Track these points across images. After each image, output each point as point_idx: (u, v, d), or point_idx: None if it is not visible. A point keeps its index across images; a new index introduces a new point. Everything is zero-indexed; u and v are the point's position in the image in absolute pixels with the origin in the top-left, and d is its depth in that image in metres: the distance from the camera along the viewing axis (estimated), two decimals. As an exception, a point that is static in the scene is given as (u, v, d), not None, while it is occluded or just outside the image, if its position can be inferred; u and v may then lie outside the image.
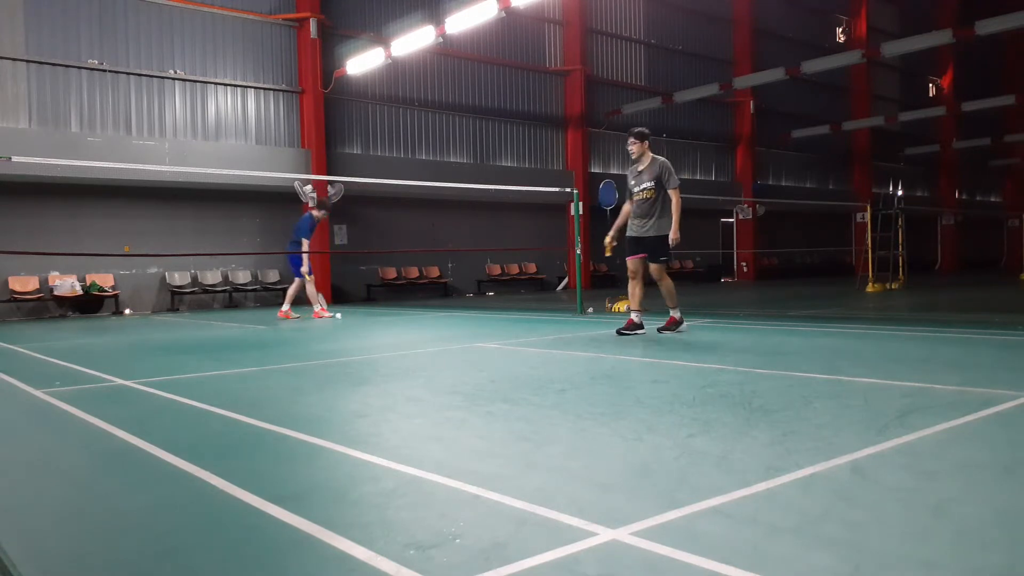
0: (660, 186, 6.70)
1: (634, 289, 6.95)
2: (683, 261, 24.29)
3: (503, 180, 18.65)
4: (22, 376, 5.31)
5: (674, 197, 6.66)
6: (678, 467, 2.47)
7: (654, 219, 6.73)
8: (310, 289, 11.06)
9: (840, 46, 28.19)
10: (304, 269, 10.84)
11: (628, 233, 6.92)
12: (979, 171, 34.56)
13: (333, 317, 11.03)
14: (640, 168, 6.80)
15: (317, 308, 11.10)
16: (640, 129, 6.87)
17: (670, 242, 6.69)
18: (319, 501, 2.25)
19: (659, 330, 6.95)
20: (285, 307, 11.21)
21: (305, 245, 10.85)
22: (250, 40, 15.79)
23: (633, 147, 6.80)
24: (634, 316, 6.88)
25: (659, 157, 6.80)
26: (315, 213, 11.15)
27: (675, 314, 6.96)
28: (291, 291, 11.16)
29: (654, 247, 6.79)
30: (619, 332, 6.88)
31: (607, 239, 7.16)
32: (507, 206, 19.38)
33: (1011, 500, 2.08)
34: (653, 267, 6.85)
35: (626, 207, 6.97)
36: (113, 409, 3.95)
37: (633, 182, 6.86)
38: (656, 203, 6.72)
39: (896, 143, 30.95)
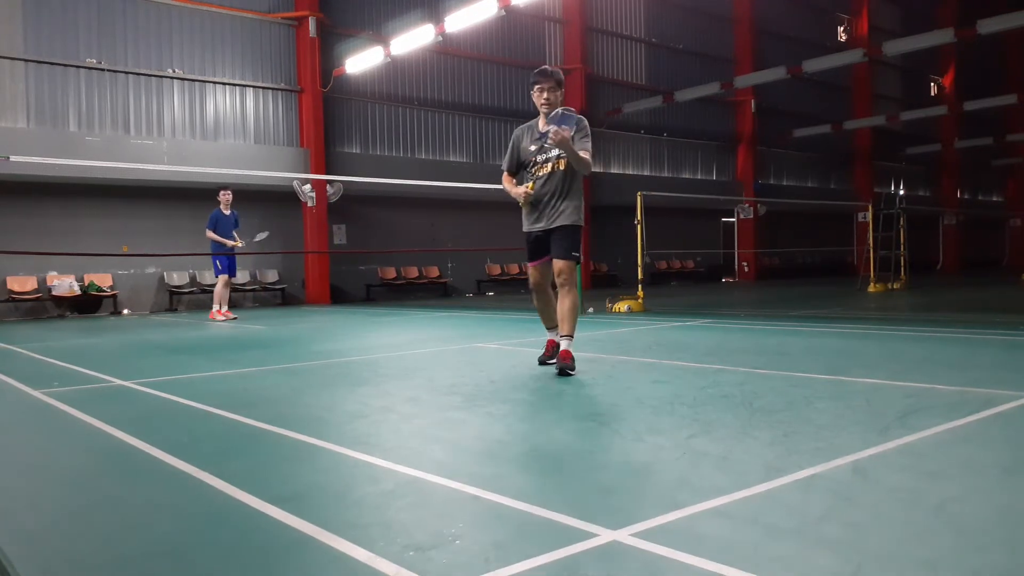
0: None
1: (545, 305, 4.98)
2: (684, 261, 24.28)
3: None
4: (20, 376, 5.30)
5: (585, 159, 4.64)
6: (679, 468, 2.46)
7: (565, 200, 4.71)
8: (219, 289, 10.98)
9: (841, 45, 28.18)
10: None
11: (527, 227, 4.88)
12: (981, 171, 34.54)
13: (228, 320, 10.85)
14: (547, 128, 4.55)
15: (216, 308, 11.03)
16: (558, 69, 4.80)
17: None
18: (318, 502, 2.24)
19: (555, 368, 4.63)
20: (223, 307, 11.01)
21: (209, 236, 10.66)
22: (249, 39, 15.78)
23: (552, 96, 4.65)
24: (552, 336, 5.03)
25: (571, 110, 4.61)
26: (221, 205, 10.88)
27: (569, 345, 4.62)
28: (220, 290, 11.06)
29: (565, 240, 4.69)
30: (542, 361, 5.03)
31: (527, 189, 4.76)
32: (507, 206, 19.29)
33: (1012, 500, 2.07)
34: (561, 265, 4.67)
35: (509, 180, 4.92)
36: (112, 409, 3.94)
37: (533, 148, 4.75)
38: (568, 178, 4.73)
39: (898, 142, 30.94)
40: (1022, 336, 6.07)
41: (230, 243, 10.82)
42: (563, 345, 4.63)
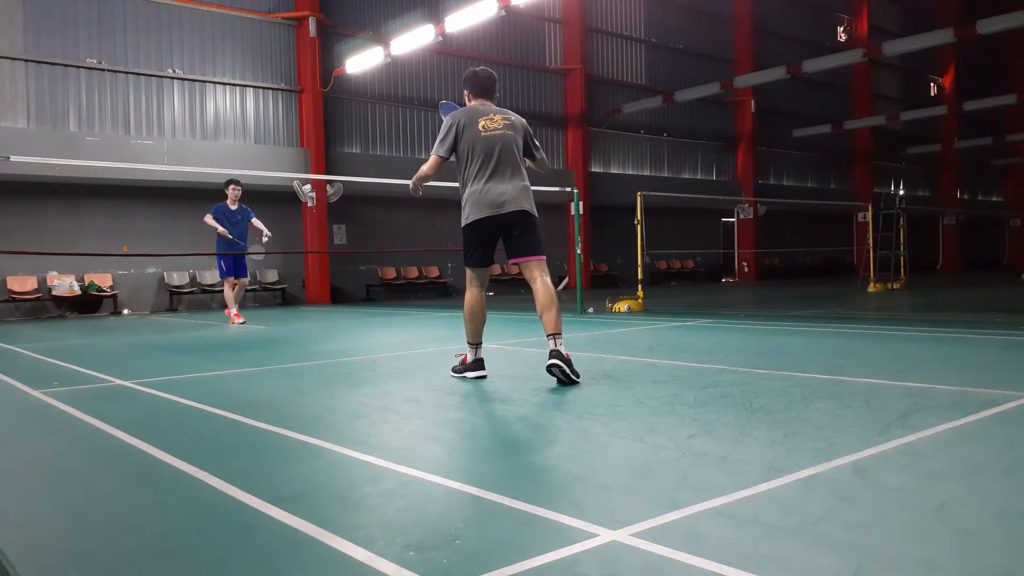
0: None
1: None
2: (684, 261, 24.26)
3: (503, 179, 18.60)
4: (20, 376, 5.30)
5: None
6: (679, 468, 2.45)
7: None
8: (226, 291, 10.47)
9: (841, 45, 28.17)
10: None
11: None
12: (981, 170, 34.52)
13: (237, 323, 10.24)
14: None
15: (227, 310, 10.54)
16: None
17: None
18: (318, 502, 2.24)
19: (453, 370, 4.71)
20: (232, 308, 10.45)
21: (205, 221, 9.99)
22: (249, 39, 15.78)
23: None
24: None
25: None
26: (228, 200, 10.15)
27: (469, 351, 4.70)
28: (239, 293, 10.48)
29: None
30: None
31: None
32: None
33: (1012, 500, 2.07)
34: None
35: None
36: (112, 409, 3.94)
37: None
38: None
39: (898, 142, 30.92)
40: (1022, 336, 6.07)
41: (220, 228, 9.98)
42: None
